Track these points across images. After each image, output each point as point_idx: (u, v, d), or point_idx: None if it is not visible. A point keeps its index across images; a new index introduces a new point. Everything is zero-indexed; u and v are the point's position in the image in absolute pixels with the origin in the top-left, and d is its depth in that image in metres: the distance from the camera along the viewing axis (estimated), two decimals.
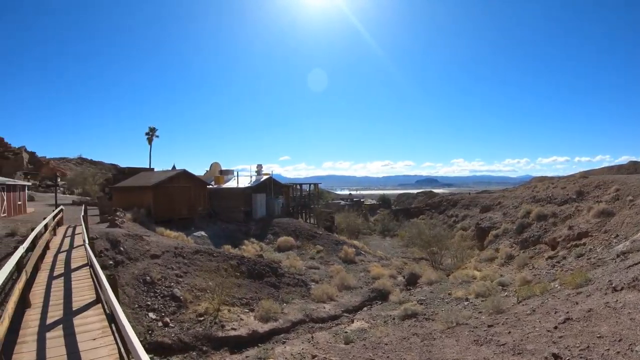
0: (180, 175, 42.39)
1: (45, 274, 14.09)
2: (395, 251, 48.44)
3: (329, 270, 31.87)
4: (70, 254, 18.09)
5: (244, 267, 25.89)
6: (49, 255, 17.92)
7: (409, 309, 21.18)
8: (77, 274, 14.06)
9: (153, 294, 20.18)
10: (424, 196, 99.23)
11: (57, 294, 11.50)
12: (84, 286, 12.16)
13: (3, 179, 38.00)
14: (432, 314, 20.52)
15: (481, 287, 23.45)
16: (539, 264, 29.75)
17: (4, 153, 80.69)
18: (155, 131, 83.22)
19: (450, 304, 22.45)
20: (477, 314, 18.21)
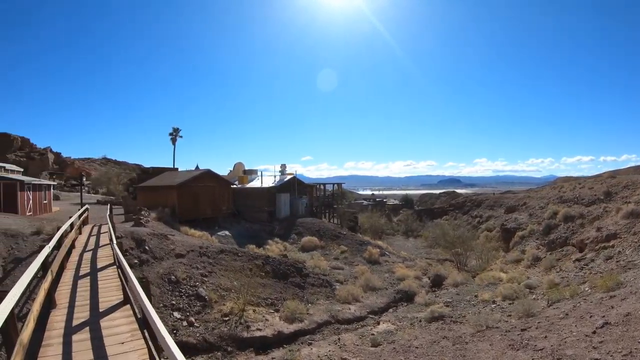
0: (205, 175, 42.45)
1: (71, 273, 13.89)
2: (419, 252, 47.85)
3: (354, 270, 31.45)
4: (96, 253, 17.93)
5: (268, 267, 25.60)
6: (75, 254, 17.78)
7: (435, 311, 20.67)
8: (103, 273, 13.83)
9: (178, 294, 19.96)
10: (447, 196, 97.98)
11: (83, 294, 11.24)
12: (111, 286, 11.88)
13: (29, 178, 38.40)
14: (460, 317, 19.94)
15: (508, 290, 22.84)
16: (567, 266, 28.99)
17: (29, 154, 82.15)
18: (179, 131, 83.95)
19: (477, 307, 21.87)
20: (507, 317, 17.61)
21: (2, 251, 18.75)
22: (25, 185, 33.81)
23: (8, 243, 19.52)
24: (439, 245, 43.70)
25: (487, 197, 67.53)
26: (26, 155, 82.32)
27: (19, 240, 19.97)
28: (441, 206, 79.01)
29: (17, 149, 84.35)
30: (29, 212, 33.74)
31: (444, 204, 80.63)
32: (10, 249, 19.11)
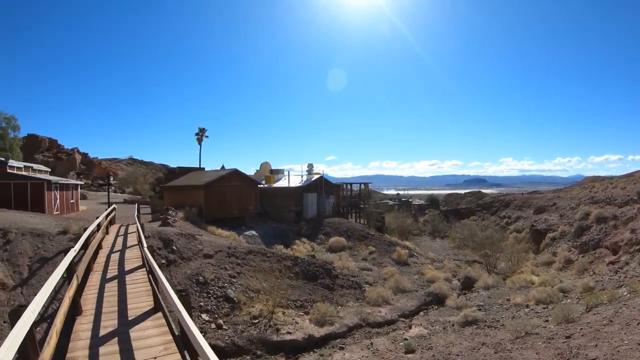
0: (232, 174, 41.99)
1: (98, 276, 13.33)
2: (446, 253, 46.77)
3: (383, 272, 30.77)
4: (123, 255, 17.43)
5: (297, 268, 24.99)
6: (102, 255, 17.30)
7: (469, 315, 20.12)
8: (131, 276, 13.24)
9: (206, 295, 19.51)
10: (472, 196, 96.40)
11: (110, 299, 10.62)
12: (140, 291, 11.26)
13: (56, 178, 38.51)
14: (494, 321, 19.50)
15: (542, 294, 22.14)
16: (600, 270, 28.47)
17: (57, 154, 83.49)
18: (205, 131, 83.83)
19: (510, 311, 21.27)
20: (544, 323, 16.97)
21: (28, 250, 18.61)
22: (53, 185, 33.84)
23: (34, 242, 19.36)
24: (466, 246, 42.96)
25: (515, 197, 66.11)
26: (54, 155, 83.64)
27: (45, 240, 19.79)
28: (468, 206, 77.43)
29: (45, 150, 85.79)
30: (56, 212, 33.82)
31: (471, 204, 79.10)
32: (37, 249, 18.94)
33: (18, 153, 61.55)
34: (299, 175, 54.08)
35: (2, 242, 19.06)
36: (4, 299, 15.61)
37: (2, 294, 15.81)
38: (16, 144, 63.11)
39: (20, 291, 16.17)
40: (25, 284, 16.62)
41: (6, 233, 19.67)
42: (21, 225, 20.95)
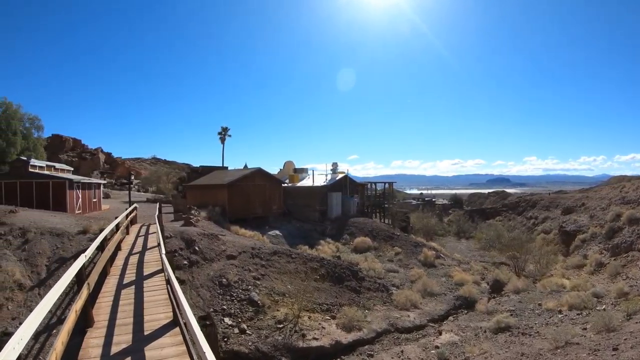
0: (256, 173, 41.54)
1: (114, 281, 12.56)
2: (472, 254, 45.66)
3: (410, 274, 29.91)
4: (143, 257, 16.71)
5: (323, 269, 24.16)
6: (120, 256, 16.62)
7: (502, 321, 19.34)
8: (150, 282, 12.35)
9: (229, 297, 18.79)
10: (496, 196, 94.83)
11: (125, 308, 9.77)
12: (158, 299, 10.37)
13: (78, 177, 38.51)
14: (527, 328, 18.78)
15: (574, 299, 21.27)
16: (634, 274, 27.78)
17: (81, 154, 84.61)
18: (228, 131, 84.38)
19: (543, 317, 20.49)
20: (583, 331, 16.27)
21: (47, 250, 18.38)
22: (74, 184, 33.83)
23: (53, 242, 19.11)
24: (493, 247, 42.22)
25: (542, 197, 64.87)
26: (78, 155, 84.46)
27: (65, 240, 19.50)
28: (493, 206, 76.01)
29: (69, 150, 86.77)
30: (78, 211, 33.76)
31: (496, 204, 77.70)
32: (55, 248, 18.67)
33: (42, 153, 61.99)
34: (322, 175, 53.37)
35: (21, 242, 18.89)
36: (21, 299, 15.38)
37: (19, 295, 15.55)
38: (40, 144, 63.55)
39: (38, 292, 15.87)
40: (43, 284, 16.33)
41: (25, 232, 19.50)
42: (40, 224, 20.69)
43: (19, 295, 15.53)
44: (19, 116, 60.09)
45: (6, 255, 17.51)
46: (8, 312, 14.67)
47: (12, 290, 15.58)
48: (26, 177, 32.98)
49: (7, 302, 15.06)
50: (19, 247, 18.47)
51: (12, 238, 19.02)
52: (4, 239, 18.81)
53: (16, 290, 15.68)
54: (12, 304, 15.09)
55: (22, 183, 32.45)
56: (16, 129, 58.88)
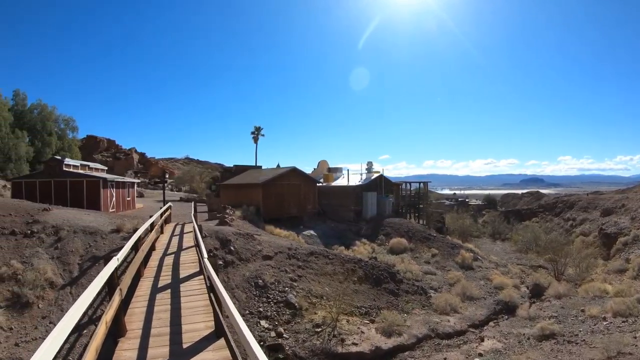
0: (290, 172, 41.17)
1: (149, 284, 11.71)
2: (508, 257, 44.25)
3: (447, 276, 28.96)
4: (178, 258, 15.94)
5: (361, 271, 23.31)
6: (155, 257, 15.96)
7: (546, 328, 18.31)
8: (187, 286, 11.41)
9: (265, 299, 18.07)
10: (530, 197, 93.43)
11: (161, 315, 8.82)
12: (197, 306, 9.36)
13: (112, 176, 38.65)
14: (572, 335, 17.74)
15: (619, 305, 19.92)
16: None
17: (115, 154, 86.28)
18: (261, 130, 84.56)
19: (587, 323, 19.29)
20: (634, 340, 15.31)
21: (80, 249, 18.07)
22: (109, 183, 33.87)
23: (86, 240, 18.80)
24: (529, 249, 41.40)
25: (579, 198, 63.44)
26: (112, 155, 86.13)
27: (97, 238, 19.17)
28: (529, 207, 74.61)
29: (103, 150, 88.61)
30: (112, 209, 33.82)
31: (532, 205, 76.16)
32: (88, 247, 18.34)
33: (76, 153, 63.33)
34: (357, 174, 52.64)
35: (54, 240, 18.63)
36: (52, 297, 15.10)
37: (51, 293, 15.27)
38: (74, 144, 65.20)
39: (69, 290, 15.58)
40: (75, 283, 16.01)
41: (58, 230, 19.24)
42: (74, 222, 20.41)
43: (50, 293, 15.24)
44: (54, 117, 62.61)
45: (38, 253, 17.28)
46: (39, 310, 14.37)
47: (43, 288, 15.26)
48: (60, 176, 33.18)
49: (38, 300, 14.77)
50: (52, 245, 18.22)
51: (45, 236, 18.79)
52: (36, 237, 18.60)
53: (47, 289, 15.38)
54: (43, 302, 14.79)
55: (57, 182, 32.61)
56: (51, 129, 60.89)
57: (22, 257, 16.93)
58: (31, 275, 15.47)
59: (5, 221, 19.44)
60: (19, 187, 33.38)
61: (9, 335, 13.10)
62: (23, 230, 18.85)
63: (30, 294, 14.74)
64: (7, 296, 14.62)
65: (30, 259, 16.81)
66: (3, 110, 53.74)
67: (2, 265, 15.94)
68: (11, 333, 13.21)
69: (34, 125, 59.88)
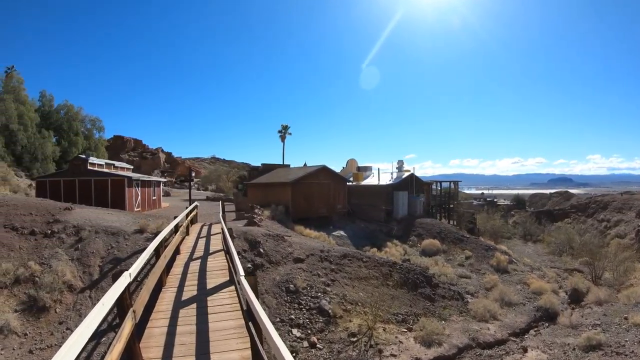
0: (320, 171, 39.99)
1: (171, 297, 9.94)
2: (541, 259, 42.63)
3: (484, 280, 27.72)
4: (205, 264, 14.23)
5: (396, 275, 21.87)
6: (179, 262, 14.38)
7: (592, 338, 16.76)
8: (215, 300, 9.74)
9: (297, 306, 16.83)
10: (559, 197, 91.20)
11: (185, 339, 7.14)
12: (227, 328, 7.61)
13: (137, 175, 38.24)
14: (619, 346, 16.15)
15: None
16: None
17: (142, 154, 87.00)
18: (288, 129, 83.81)
19: (632, 332, 17.54)
20: None
21: (101, 250, 17.22)
22: (134, 182, 33.28)
23: (108, 241, 17.94)
24: (563, 252, 40.29)
25: (613, 198, 62.05)
26: (139, 155, 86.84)
27: (120, 239, 18.28)
28: (561, 208, 72.75)
29: (130, 150, 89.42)
30: (137, 208, 33.31)
31: (564, 206, 73.99)
32: (110, 248, 17.45)
33: (103, 152, 64.23)
34: (386, 173, 51.38)
35: (74, 240, 17.92)
36: (70, 301, 14.40)
37: (69, 297, 14.67)
38: (101, 144, 66.43)
39: (89, 294, 14.82)
40: (95, 286, 15.20)
41: (79, 230, 18.51)
42: (96, 222, 19.63)
43: (68, 297, 14.53)
44: (81, 118, 64.10)
45: (58, 254, 16.55)
46: (56, 315, 13.74)
47: (61, 292, 14.60)
48: (85, 175, 32.76)
49: (56, 304, 14.08)
50: (72, 245, 17.48)
51: (66, 236, 18.10)
52: (57, 237, 17.93)
53: (65, 292, 14.66)
54: (60, 307, 14.12)
55: (81, 181, 32.18)
56: (78, 129, 62.45)
57: (40, 258, 16.27)
58: (49, 277, 14.82)
59: (26, 220, 18.82)
60: (43, 186, 33.03)
61: (23, 342, 12.46)
62: (43, 230, 18.22)
63: (47, 297, 14.13)
64: (23, 299, 14.02)
65: (49, 260, 16.15)
66: (29, 110, 55.01)
67: (19, 267, 15.27)
68: (25, 339, 12.57)
69: (60, 126, 60.96)
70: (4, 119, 49.95)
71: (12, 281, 14.50)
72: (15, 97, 53.36)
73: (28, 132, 52.92)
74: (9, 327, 12.51)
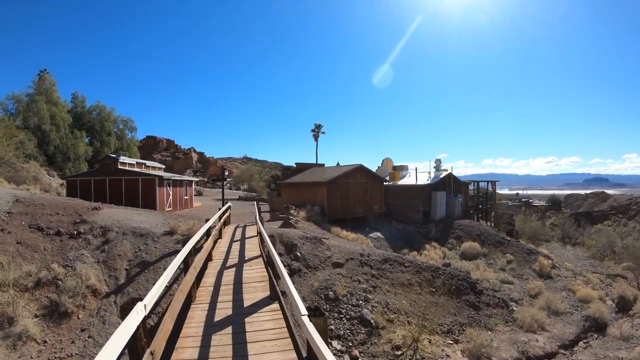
0: (357, 170, 38.61)
1: (201, 316, 8.16)
2: (582, 264, 40.57)
3: (528, 286, 25.85)
4: (240, 273, 12.17)
5: (439, 280, 20.32)
6: (211, 271, 12.35)
7: None
8: (254, 321, 7.77)
9: (337, 315, 15.50)
10: (595, 197, 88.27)
11: None
12: None
13: (169, 174, 37.68)
14: None
15: None
16: None
17: (175, 153, 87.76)
18: (321, 127, 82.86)
19: None
20: None
21: (128, 252, 16.24)
22: (165, 181, 32.51)
23: (136, 243, 16.99)
24: (605, 256, 38.61)
25: None
26: (171, 155, 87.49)
27: (149, 241, 17.32)
28: (600, 209, 69.98)
29: (162, 150, 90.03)
30: (168, 208, 32.62)
31: (604, 207, 71.20)
32: (138, 250, 16.49)
33: (135, 152, 64.95)
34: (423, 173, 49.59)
35: (101, 242, 17.09)
36: (95, 307, 13.62)
37: (93, 302, 13.80)
38: (133, 144, 67.65)
39: (114, 299, 14.04)
40: (121, 291, 14.39)
41: (106, 231, 17.74)
42: (124, 223, 18.78)
43: (92, 302, 13.74)
44: (113, 118, 65.03)
45: (83, 256, 15.71)
46: (78, 321, 12.88)
47: (84, 296, 13.72)
48: (115, 174, 32.26)
49: (78, 310, 13.29)
50: (98, 247, 16.70)
51: (92, 237, 17.33)
52: (83, 238, 17.18)
53: (89, 297, 13.86)
54: (83, 312, 13.31)
55: (112, 180, 31.67)
56: (110, 130, 63.51)
57: (65, 260, 15.53)
58: (72, 281, 13.93)
59: (52, 220, 18.12)
60: (73, 185, 32.67)
61: (42, 350, 11.72)
62: (69, 231, 17.51)
63: (69, 302, 13.31)
64: (45, 304, 13.26)
65: (73, 262, 15.38)
66: (62, 111, 55.76)
67: (42, 269, 14.49)
68: (45, 347, 11.84)
69: (92, 126, 61.73)
70: (36, 119, 50.48)
71: (34, 284, 13.79)
72: (47, 99, 54.15)
73: (60, 132, 53.51)
74: (27, 334, 11.79)
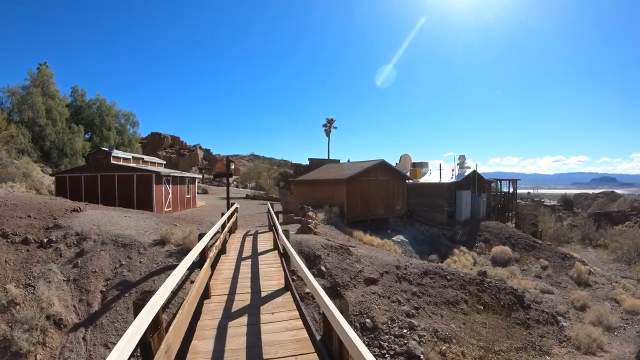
0: (378, 167, 34.51)
1: None
2: (608, 267, 37.48)
3: (571, 297, 23.16)
4: (257, 329, 6.76)
5: (486, 295, 16.77)
6: (207, 323, 6.96)
7: None
8: None
9: (378, 350, 11.73)
10: (605, 197, 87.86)
11: None
12: None
13: (168, 170, 34.46)
14: None
15: None
16: None
17: (180, 150, 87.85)
18: (333, 122, 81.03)
19: None
20: None
21: (106, 269, 12.75)
22: (163, 178, 28.76)
23: (117, 256, 13.31)
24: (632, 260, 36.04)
25: None
26: (176, 152, 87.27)
27: (133, 253, 13.57)
28: (621, 210, 67.48)
29: (167, 147, 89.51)
30: (167, 208, 29.11)
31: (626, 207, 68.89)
32: (118, 266, 12.88)
33: (137, 148, 63.19)
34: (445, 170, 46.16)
35: (74, 254, 13.52)
36: (57, 344, 10.24)
37: (56, 337, 10.40)
38: (135, 140, 65.14)
39: (83, 335, 10.57)
40: (92, 323, 10.88)
41: (82, 240, 14.16)
42: (106, 229, 15.05)
43: (55, 338, 10.35)
44: (114, 112, 62.59)
45: (50, 273, 12.26)
46: None
47: (44, 330, 10.33)
48: (108, 170, 28.61)
49: (35, 349, 9.92)
50: (71, 260, 13.09)
51: (65, 247, 13.70)
52: (53, 248, 13.54)
53: (51, 330, 10.47)
54: (44, 351, 9.96)
55: (103, 177, 28.04)
56: (110, 124, 61.01)
57: (28, 277, 12.05)
58: (29, 311, 10.35)
59: (21, 225, 14.50)
60: (62, 182, 28.89)
61: None
62: (39, 238, 13.93)
63: (23, 339, 9.87)
64: None
65: (36, 281, 11.77)
66: (59, 105, 53.02)
67: None
68: None
69: (92, 121, 59.34)
70: (31, 113, 47.60)
71: None
72: (43, 91, 51.12)
73: (57, 126, 50.68)
74: None
